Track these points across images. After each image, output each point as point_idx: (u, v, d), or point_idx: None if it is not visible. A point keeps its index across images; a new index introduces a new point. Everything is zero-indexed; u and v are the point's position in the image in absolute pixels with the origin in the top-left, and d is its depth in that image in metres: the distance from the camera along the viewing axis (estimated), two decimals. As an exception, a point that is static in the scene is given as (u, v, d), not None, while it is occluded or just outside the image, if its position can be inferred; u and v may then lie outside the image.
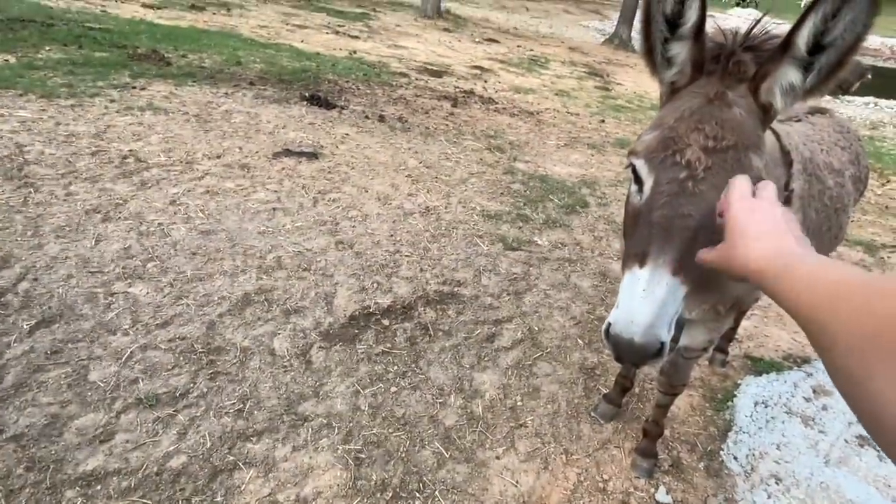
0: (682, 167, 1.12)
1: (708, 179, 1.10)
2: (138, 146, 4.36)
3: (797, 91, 1.14)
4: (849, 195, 2.14)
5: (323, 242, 3.58)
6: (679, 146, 1.14)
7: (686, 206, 1.10)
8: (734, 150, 1.12)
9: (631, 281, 1.12)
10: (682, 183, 1.11)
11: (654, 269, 1.09)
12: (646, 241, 1.13)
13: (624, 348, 1.09)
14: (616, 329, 1.10)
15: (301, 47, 9.15)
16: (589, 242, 4.25)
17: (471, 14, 18.47)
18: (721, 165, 1.11)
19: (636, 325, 1.07)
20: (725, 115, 1.15)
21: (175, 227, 3.44)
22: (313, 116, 5.79)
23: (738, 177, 0.96)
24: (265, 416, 2.33)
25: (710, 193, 1.09)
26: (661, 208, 1.12)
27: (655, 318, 1.07)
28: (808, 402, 2.88)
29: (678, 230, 1.09)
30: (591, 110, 8.67)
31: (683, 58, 1.24)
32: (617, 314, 1.11)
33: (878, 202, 6.42)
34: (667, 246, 1.09)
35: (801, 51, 1.09)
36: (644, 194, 1.19)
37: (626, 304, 1.11)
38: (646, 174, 1.18)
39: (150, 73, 6.15)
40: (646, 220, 1.15)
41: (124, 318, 2.68)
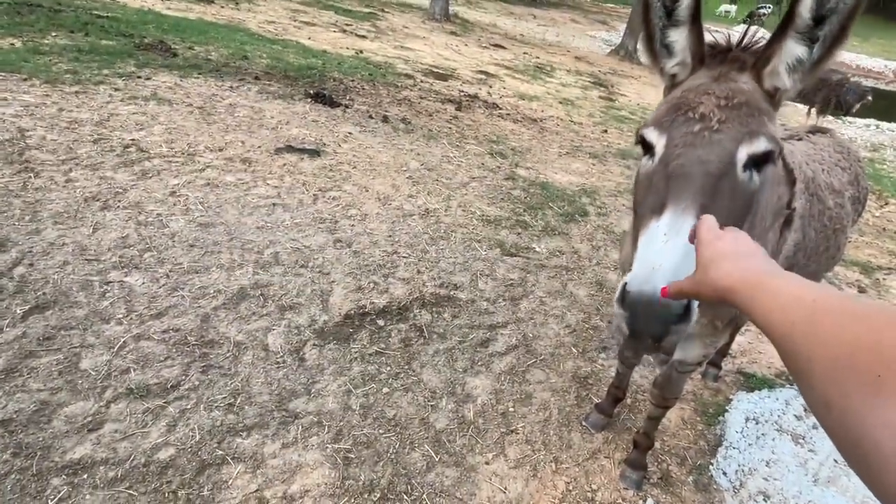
0: (695, 121, 1.10)
1: (724, 130, 1.08)
2: (141, 136, 4.36)
3: (805, 65, 1.14)
4: (847, 216, 2.15)
5: (321, 240, 3.58)
6: (691, 105, 1.13)
7: (704, 152, 1.06)
8: (747, 107, 1.11)
9: (649, 234, 1.02)
10: (697, 134, 1.09)
11: (676, 214, 1.01)
12: (662, 194, 1.06)
13: (644, 307, 0.94)
14: (634, 286, 0.96)
15: (308, 44, 9.16)
16: (587, 251, 4.25)
17: (478, 19, 18.52)
18: (736, 119, 1.09)
19: (660, 273, 0.94)
20: (732, 85, 1.15)
21: (174, 218, 3.43)
22: (317, 114, 5.79)
23: (705, 216, 0.88)
24: (256, 411, 2.32)
25: (728, 143, 1.07)
26: (676, 158, 1.08)
27: (682, 267, 0.93)
28: (799, 421, 2.88)
29: (698, 176, 1.04)
30: (594, 120, 8.70)
31: (682, 46, 1.25)
32: (635, 269, 0.99)
33: (876, 224, 6.44)
34: (687, 192, 1.03)
35: (805, 20, 1.09)
36: (656, 155, 1.15)
37: (646, 255, 0.99)
38: (656, 137, 1.16)
39: (156, 64, 6.14)
40: (660, 177, 1.10)
41: (118, 308, 2.67)
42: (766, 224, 1.47)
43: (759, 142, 1.09)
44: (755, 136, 1.09)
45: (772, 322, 0.58)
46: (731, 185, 1.06)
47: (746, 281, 0.66)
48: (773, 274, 0.65)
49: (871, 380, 0.43)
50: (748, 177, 1.11)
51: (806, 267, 1.97)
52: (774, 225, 1.57)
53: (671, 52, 1.28)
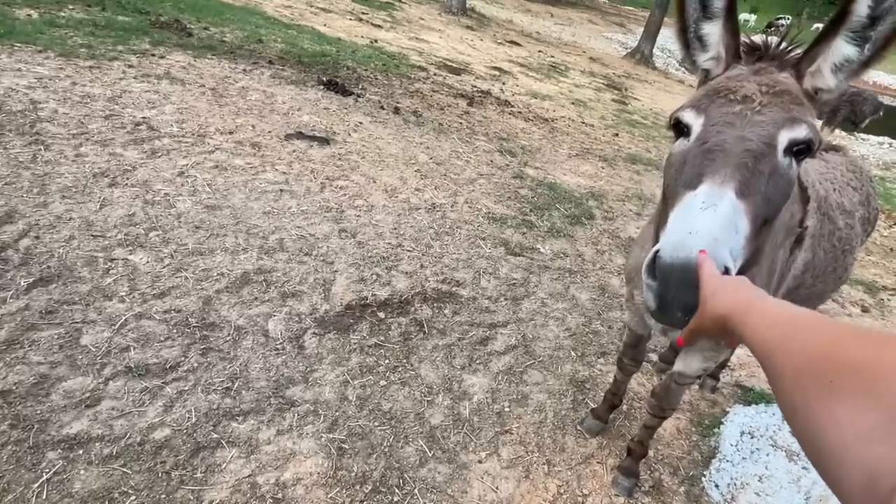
0: (737, 102, 1.09)
1: (765, 113, 1.07)
2: (152, 114, 4.36)
3: (852, 65, 1.13)
4: (857, 237, 2.14)
5: (326, 229, 3.58)
6: (732, 89, 1.11)
7: (745, 130, 1.05)
8: (789, 95, 1.10)
9: (685, 203, 0.99)
10: (738, 114, 1.08)
11: (713, 185, 0.98)
12: (698, 168, 1.04)
13: (677, 275, 0.88)
14: (667, 252, 0.90)
15: (323, 31, 9.13)
16: (591, 255, 4.24)
17: (495, 14, 18.41)
18: (778, 104, 1.08)
19: (697, 238, 0.89)
20: (773, 77, 1.14)
21: (181, 198, 3.43)
22: (329, 101, 5.78)
23: (707, 259, 0.86)
24: (253, 396, 2.33)
25: (769, 126, 1.05)
26: (716, 135, 1.06)
27: (721, 234, 0.90)
28: (794, 437, 2.87)
29: (737, 153, 1.02)
30: (605, 122, 8.66)
31: (716, 39, 1.24)
32: (669, 235, 0.94)
33: (884, 244, 6.40)
34: (725, 167, 1.00)
35: (861, 19, 1.07)
36: (693, 134, 1.13)
37: (680, 223, 0.95)
38: (693, 117, 1.14)
39: (171, 42, 6.13)
40: (696, 153, 1.08)
41: (122, 285, 2.68)
42: (777, 240, 1.46)
43: (801, 128, 1.08)
44: (797, 122, 1.08)
45: (756, 340, 0.63)
46: (770, 168, 1.04)
47: (738, 305, 0.72)
48: (762, 298, 0.71)
49: (825, 384, 0.48)
50: (787, 163, 1.09)
51: (813, 287, 1.96)
52: (786, 243, 1.56)
53: (704, 45, 1.27)
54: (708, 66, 1.28)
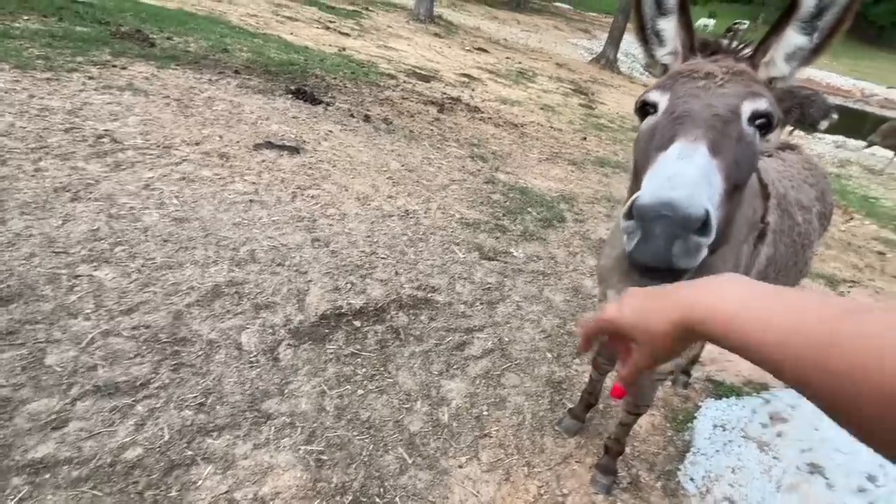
0: (701, 78, 1.15)
1: (728, 86, 1.12)
2: (115, 126, 4.25)
3: (804, 53, 1.20)
4: (815, 231, 2.22)
5: (299, 238, 3.54)
6: (696, 69, 1.17)
7: (711, 99, 1.10)
8: (748, 75, 1.17)
9: (659, 161, 1.01)
10: (703, 87, 1.13)
11: (686, 142, 1.01)
12: (669, 133, 1.07)
13: (658, 210, 0.87)
14: (646, 194, 0.90)
15: (290, 40, 9.06)
16: (564, 257, 4.30)
17: (462, 21, 18.57)
18: (738, 80, 1.14)
19: (678, 180, 0.90)
20: (730, 62, 1.21)
21: (147, 212, 3.36)
22: (297, 110, 5.73)
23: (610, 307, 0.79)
24: (227, 411, 2.29)
25: (733, 98, 1.11)
26: (683, 104, 1.10)
27: (699, 179, 0.92)
28: (764, 428, 2.96)
29: (705, 117, 1.06)
30: (574, 127, 8.80)
31: (672, 35, 1.31)
32: (646, 185, 0.96)
33: (842, 238, 6.65)
34: (696, 127, 1.04)
35: (808, 9, 1.15)
36: (660, 109, 1.17)
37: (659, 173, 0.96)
38: (659, 95, 1.19)
39: (132, 53, 6.00)
40: (666, 122, 1.11)
41: (87, 302, 2.60)
42: (741, 236, 1.51)
43: (762, 101, 1.14)
44: (758, 95, 1.14)
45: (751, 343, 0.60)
46: (737, 133, 1.08)
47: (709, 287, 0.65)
48: (731, 279, 0.65)
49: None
50: (752, 132, 1.14)
51: (775, 281, 2.03)
52: (749, 238, 1.61)
53: (662, 41, 1.34)
54: (667, 60, 1.35)
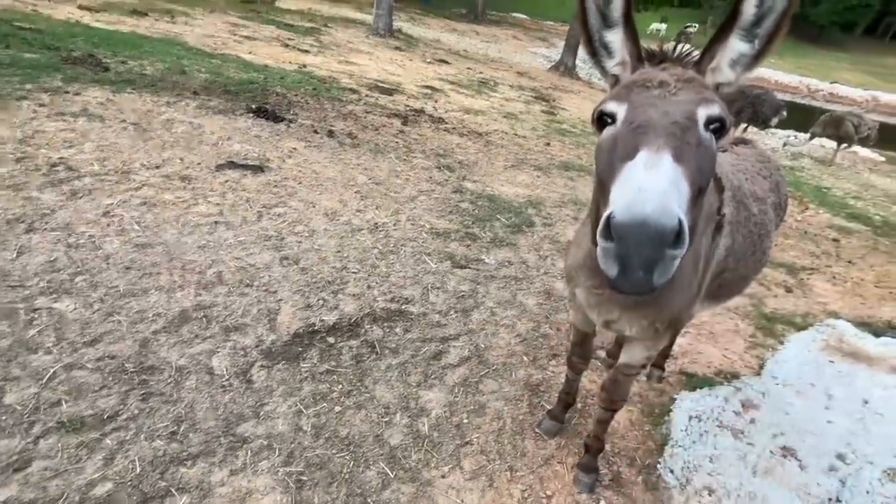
0: (655, 87, 1.18)
1: (681, 94, 1.16)
2: (69, 153, 4.13)
3: (747, 59, 1.26)
4: (771, 221, 2.30)
5: (267, 258, 3.49)
6: (649, 79, 1.21)
7: (668, 107, 1.14)
8: (698, 81, 1.21)
9: (626, 172, 1.04)
10: (658, 96, 1.16)
11: (651, 152, 1.04)
12: (631, 143, 1.09)
13: (635, 230, 0.91)
14: (619, 211, 0.94)
15: (249, 59, 8.99)
16: (534, 261, 4.34)
17: (422, 34, 18.72)
18: (690, 88, 1.18)
19: (648, 193, 0.93)
20: (679, 69, 1.25)
21: (108, 239, 3.26)
22: (260, 129, 5.67)
23: None
24: (201, 438, 2.22)
25: (688, 104, 1.15)
26: (642, 114, 1.14)
27: (669, 188, 0.95)
28: (737, 416, 3.03)
29: (665, 126, 1.10)
30: (537, 133, 8.93)
31: (619, 46, 1.34)
32: (618, 199, 0.98)
33: (798, 227, 6.90)
34: (658, 136, 1.07)
35: (748, 18, 1.21)
36: (619, 119, 1.20)
37: (629, 185, 0.99)
38: (616, 106, 1.22)
39: (86, 78, 5.86)
40: (626, 132, 1.14)
41: (47, 336, 2.50)
42: (699, 229, 1.56)
43: (715, 106, 1.18)
44: (711, 101, 1.18)
45: None
46: (696, 139, 1.13)
47: None
48: None
49: None
50: (708, 137, 1.19)
51: (736, 271, 2.09)
52: (707, 230, 1.66)
53: (610, 52, 1.37)
54: (616, 71, 1.38)
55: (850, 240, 6.84)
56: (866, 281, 5.50)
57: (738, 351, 3.77)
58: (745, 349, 3.82)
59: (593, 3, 1.31)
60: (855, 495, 2.57)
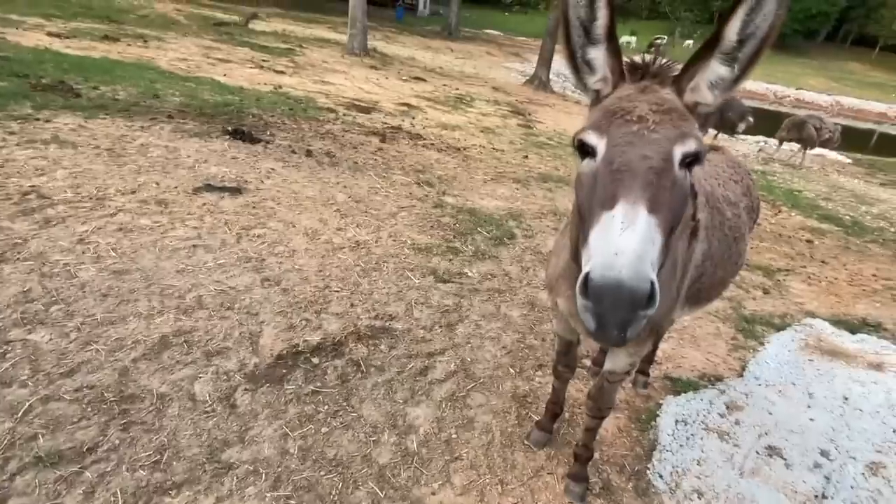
0: (634, 122, 1.19)
1: (660, 130, 1.17)
2: (41, 181, 4.06)
3: (726, 82, 1.28)
4: (745, 224, 2.36)
5: (247, 280, 3.46)
6: (627, 109, 1.21)
7: (645, 149, 1.15)
8: (676, 112, 1.22)
9: (604, 224, 1.08)
10: (636, 133, 1.17)
11: (628, 206, 1.07)
12: (610, 189, 1.13)
13: (610, 294, 0.98)
14: (597, 273, 1.00)
15: (223, 81, 8.96)
16: (517, 273, 4.37)
17: (397, 52, 18.88)
18: (668, 122, 1.19)
19: (623, 257, 0.99)
20: (659, 95, 1.26)
21: (83, 267, 3.20)
22: (237, 151, 5.65)
23: None
24: (185, 466, 2.17)
25: (664, 143, 1.16)
26: (621, 155, 1.16)
27: (642, 251, 1.00)
28: (722, 418, 3.06)
29: (642, 172, 1.12)
30: (515, 146, 9.04)
31: (601, 63, 1.35)
32: (595, 258, 1.03)
33: (773, 230, 7.07)
34: (635, 186, 1.10)
35: (731, 41, 1.23)
36: (599, 155, 1.22)
37: (604, 244, 1.04)
38: (597, 139, 1.23)
39: (56, 105, 5.78)
40: (606, 173, 1.17)
41: (22, 369, 2.44)
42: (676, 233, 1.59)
43: (691, 142, 1.20)
44: (687, 137, 1.20)
45: None
46: (670, 181, 1.15)
47: None
48: None
49: None
50: (683, 175, 1.22)
51: (714, 274, 2.13)
52: (683, 236, 1.70)
53: (592, 68, 1.38)
54: (598, 87, 1.39)
55: (822, 240, 7.02)
56: (840, 280, 5.64)
57: (720, 354, 3.83)
58: (727, 352, 3.87)
59: (577, 20, 1.32)
60: (840, 490, 2.61)
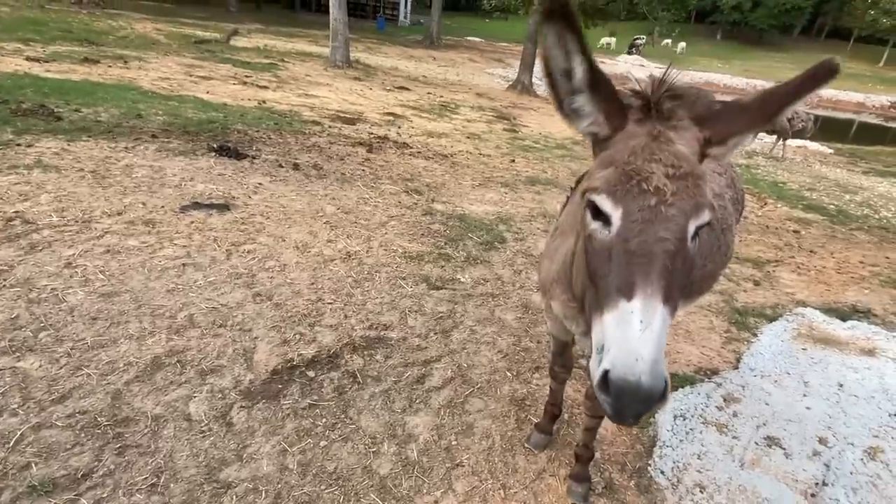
0: (651, 194, 1.13)
1: (676, 204, 1.13)
2: (25, 207, 4.02)
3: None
4: (731, 216, 2.38)
5: (239, 296, 3.43)
6: (643, 175, 1.15)
7: (662, 230, 1.11)
8: (692, 176, 1.17)
9: (623, 317, 1.07)
10: (654, 209, 1.13)
11: (646, 300, 1.06)
12: (628, 272, 1.10)
13: (630, 395, 1.01)
14: (617, 373, 1.02)
15: (207, 98, 8.94)
16: (509, 276, 4.37)
17: (380, 63, 18.95)
18: (684, 190, 1.15)
19: (643, 363, 1.00)
20: (673, 148, 1.20)
21: (71, 291, 3.16)
22: (223, 167, 5.62)
23: None
24: (183, 488, 2.14)
25: (681, 218, 1.13)
26: (638, 235, 1.12)
27: (659, 353, 1.02)
28: (720, 411, 3.07)
29: (659, 256, 1.09)
30: (501, 151, 9.07)
31: (591, 109, 1.27)
32: (616, 356, 1.03)
33: (760, 223, 7.14)
34: (652, 274, 1.08)
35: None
36: (614, 226, 1.17)
37: (624, 344, 1.04)
38: (611, 207, 1.17)
39: (38, 129, 5.73)
40: (622, 251, 1.13)
41: (12, 397, 2.40)
42: None
43: (704, 214, 1.18)
44: (701, 208, 1.17)
45: None
46: (683, 258, 1.14)
47: None
48: None
49: None
50: (694, 245, 1.21)
51: (705, 267, 2.15)
52: None
53: (581, 115, 1.29)
54: (592, 130, 1.30)
55: (809, 230, 7.10)
56: (828, 268, 5.70)
57: (714, 347, 3.85)
58: (722, 345, 3.90)
59: (557, 72, 1.24)
60: (840, 477, 2.62)
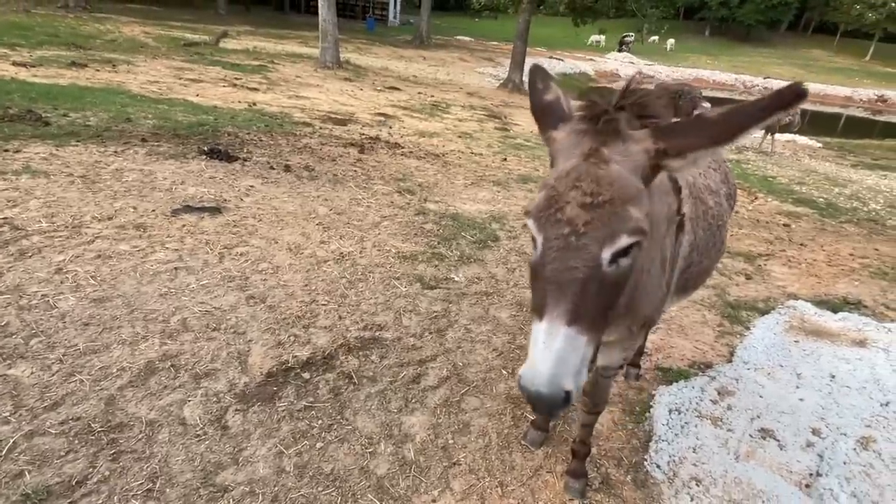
0: (564, 223, 1.20)
1: (589, 233, 1.18)
2: (14, 213, 3.98)
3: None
4: (725, 211, 2.39)
5: (232, 299, 3.42)
6: (560, 204, 1.22)
7: (572, 259, 1.19)
8: (610, 205, 1.19)
9: (534, 334, 1.21)
10: (566, 238, 1.20)
11: (550, 323, 1.17)
12: (542, 295, 1.22)
13: (532, 400, 1.18)
14: (522, 382, 1.19)
15: (197, 101, 8.89)
16: (503, 275, 4.38)
17: (370, 63, 18.92)
18: (599, 219, 1.19)
19: (539, 377, 1.15)
20: (601, 171, 1.23)
21: (62, 297, 3.14)
22: (214, 170, 5.59)
23: None
24: (179, 492, 2.13)
25: (593, 247, 1.18)
26: (550, 263, 1.21)
27: (556, 369, 1.14)
28: (714, 404, 3.09)
29: (568, 283, 1.18)
30: (493, 150, 9.09)
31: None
32: (524, 368, 1.20)
33: (750, 217, 7.19)
34: (560, 299, 1.18)
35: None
36: (537, 251, 1.28)
37: (531, 355, 1.19)
38: (536, 232, 1.27)
39: (26, 135, 5.68)
40: (540, 275, 1.24)
41: (4, 405, 2.37)
42: (661, 232, 1.60)
43: (621, 240, 1.19)
44: (617, 236, 1.19)
45: None
46: (597, 284, 1.19)
47: None
48: None
49: None
50: (615, 267, 1.22)
51: (700, 263, 2.16)
52: (669, 231, 1.71)
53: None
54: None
55: (799, 223, 7.15)
56: (819, 261, 5.75)
57: (708, 341, 3.87)
58: (715, 338, 3.92)
59: (539, 110, 1.57)
60: (833, 467, 2.65)
